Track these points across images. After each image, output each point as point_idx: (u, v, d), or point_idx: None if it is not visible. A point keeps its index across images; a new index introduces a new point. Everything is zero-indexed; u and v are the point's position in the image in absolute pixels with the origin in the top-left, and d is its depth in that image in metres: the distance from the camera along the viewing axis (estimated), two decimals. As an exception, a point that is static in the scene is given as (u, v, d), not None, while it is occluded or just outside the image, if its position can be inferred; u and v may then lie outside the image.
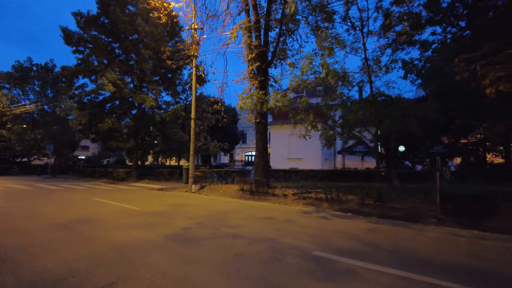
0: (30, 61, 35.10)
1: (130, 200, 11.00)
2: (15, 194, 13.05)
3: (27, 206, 9.38)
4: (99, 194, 13.36)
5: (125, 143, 20.52)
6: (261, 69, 12.96)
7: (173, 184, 19.33)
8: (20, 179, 23.86)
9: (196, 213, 8.34)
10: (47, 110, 35.87)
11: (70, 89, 20.76)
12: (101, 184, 19.48)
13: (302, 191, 11.83)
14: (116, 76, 18.18)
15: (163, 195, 13.41)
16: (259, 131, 13.34)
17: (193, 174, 14.37)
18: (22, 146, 31.98)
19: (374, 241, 5.67)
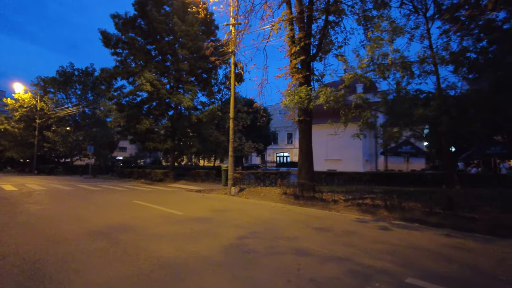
0: (72, 66, 36.60)
1: (170, 203, 10.49)
2: (58, 194, 13.08)
3: (69, 208, 9.11)
4: (138, 196, 13.07)
5: (163, 144, 20.38)
6: (306, 63, 12.00)
7: (210, 185, 18.86)
8: (63, 179, 24.63)
9: (243, 221, 7.55)
10: (88, 113, 37.22)
11: (109, 91, 21.01)
12: (140, 185, 19.45)
13: (354, 197, 10.70)
14: (154, 76, 18.02)
15: (202, 197, 12.84)
16: (303, 130, 12.38)
17: (232, 176, 13.69)
18: (65, 148, 33.31)
19: (470, 262, 4.56)
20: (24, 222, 7.02)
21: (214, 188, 16.69)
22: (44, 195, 12.47)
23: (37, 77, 34.51)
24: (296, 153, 66.62)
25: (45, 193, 13.43)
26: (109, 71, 20.05)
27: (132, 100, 21.47)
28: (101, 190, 15.19)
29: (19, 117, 33.16)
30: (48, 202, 10.53)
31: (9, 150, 34.26)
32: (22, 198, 11.29)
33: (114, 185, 18.52)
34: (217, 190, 15.45)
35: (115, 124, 19.33)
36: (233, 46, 13.97)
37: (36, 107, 33.11)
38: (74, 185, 18.25)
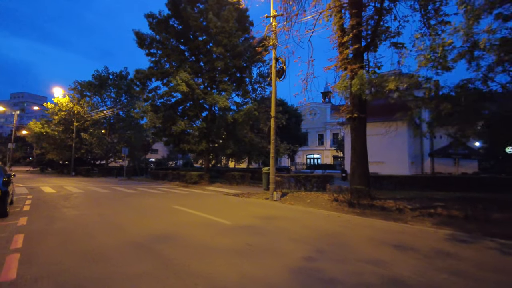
0: (107, 70, 37.36)
1: (211, 209, 9.62)
2: (94, 198, 12.67)
3: (107, 214, 8.46)
4: (176, 200, 12.36)
5: (197, 145, 19.77)
6: (359, 53, 10.73)
7: (247, 188, 17.93)
8: (99, 180, 24.78)
9: (301, 233, 6.46)
10: (122, 116, 37.80)
11: (143, 92, 20.76)
12: (175, 187, 18.93)
13: (422, 205, 9.27)
14: (189, 76, 17.42)
15: (243, 202, 11.89)
16: (357, 129, 11.09)
17: (274, 179, 12.64)
18: (101, 150, 33.92)
19: None
20: (60, 230, 6.36)
21: (252, 192, 15.74)
22: (81, 199, 12.08)
23: (75, 81, 35.55)
24: (327, 154, 64.34)
25: (82, 196, 13.08)
26: (143, 72, 19.77)
27: (167, 101, 21.11)
28: (138, 193, 14.71)
29: (58, 120, 34.20)
30: (85, 206, 10.01)
31: (50, 152, 35.47)
32: (60, 202, 10.90)
33: (149, 188, 18.11)
34: (256, 195, 14.47)
35: (151, 125, 18.98)
36: (274, 39, 12.96)
37: (73, 111, 34.00)
38: (110, 187, 18.03)
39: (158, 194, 14.53)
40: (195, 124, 21.22)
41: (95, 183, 21.87)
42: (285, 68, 12.75)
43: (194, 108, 20.45)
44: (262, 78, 21.62)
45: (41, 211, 8.81)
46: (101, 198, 12.67)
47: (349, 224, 7.74)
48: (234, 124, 19.53)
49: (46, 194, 13.49)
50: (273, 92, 13.05)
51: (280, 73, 12.98)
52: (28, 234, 5.95)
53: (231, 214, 8.76)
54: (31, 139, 36.74)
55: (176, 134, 19.63)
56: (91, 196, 13.23)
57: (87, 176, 32.05)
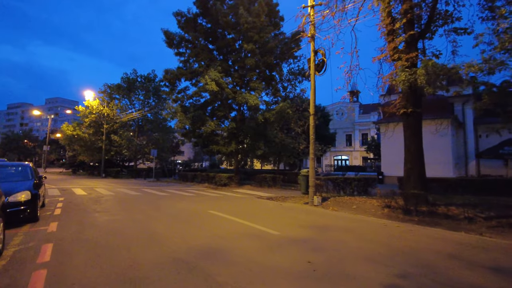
0: (135, 73, 37.73)
1: (250, 215, 8.77)
2: (125, 200, 12.20)
3: (140, 220, 7.81)
4: (209, 203, 11.64)
5: (227, 146, 19.07)
6: (414, 41, 9.53)
7: (279, 191, 17.01)
8: (129, 182, 24.72)
9: (365, 248, 5.44)
10: (150, 118, 37.98)
11: (172, 93, 20.37)
12: (204, 189, 18.32)
13: (498, 214, 7.94)
14: (219, 75, 16.74)
15: (281, 207, 10.96)
16: (412, 126, 9.87)
17: (314, 182, 11.61)
18: (130, 151, 34.20)
19: None
20: (92, 239, 5.72)
21: (286, 196, 14.79)
22: (112, 202, 11.62)
23: (104, 84, 36.14)
24: (356, 156, 62.11)
25: (113, 199, 12.65)
26: (172, 72, 19.36)
27: (196, 102, 20.61)
28: (169, 196, 14.16)
29: (89, 123, 34.84)
30: (117, 211, 9.46)
31: (81, 154, 36.24)
32: (91, 205, 10.45)
33: (179, 190, 17.60)
34: (292, 198, 13.51)
35: (181, 126, 18.51)
36: (312, 30, 11.96)
37: (103, 113, 34.51)
38: (139, 189, 17.68)
39: (190, 197, 13.90)
40: (224, 125, 20.56)
41: (124, 184, 21.73)
42: (326, 61, 11.70)
43: (223, 108, 19.80)
44: (293, 76, 20.63)
45: (72, 216, 8.31)
46: (132, 201, 12.17)
47: (414, 236, 6.60)
48: (264, 123, 18.67)
49: (77, 197, 13.21)
50: (312, 88, 12.04)
51: (320, 66, 11.95)
52: (58, 244, 5.34)
53: (274, 222, 7.86)
54: (64, 142, 37.71)
55: (205, 135, 19.05)
56: (122, 198, 12.79)
57: (117, 177, 32.33)
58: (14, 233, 6.25)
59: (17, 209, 6.82)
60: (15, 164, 8.98)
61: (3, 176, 7.93)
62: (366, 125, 60.36)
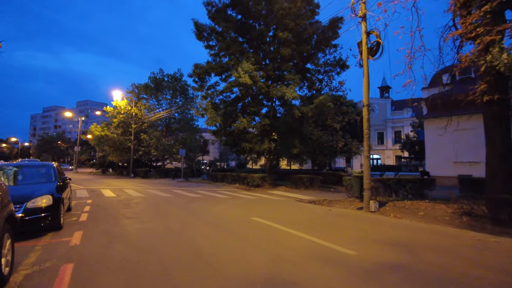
0: (162, 72, 37.34)
1: (304, 224, 7.35)
2: (156, 203, 11.14)
3: (176, 231, 6.61)
4: (249, 207, 10.35)
5: (259, 145, 17.73)
6: (501, 11, 7.74)
7: (319, 193, 15.47)
8: (158, 182, 24.01)
9: (493, 279, 3.87)
10: (177, 117, 37.45)
11: (202, 89, 19.31)
12: (237, 190, 17.10)
13: None
14: (252, 67, 15.42)
15: (333, 214, 9.45)
16: (496, 116, 8.04)
17: (370, 185, 9.99)
18: (158, 151, 33.73)
19: None
20: (122, 258, 4.53)
21: (330, 199, 13.26)
22: (142, 205, 10.59)
23: (132, 84, 35.91)
24: (388, 154, 58.92)
25: (143, 201, 11.64)
26: (202, 67, 18.29)
27: (226, 98, 19.45)
28: (202, 198, 13.01)
29: (117, 123, 34.74)
30: (148, 216, 8.34)
31: (110, 155, 36.26)
32: (120, 209, 9.44)
33: (210, 191, 16.48)
34: (339, 203, 11.96)
35: (211, 124, 17.39)
36: (364, 9, 10.35)
37: (131, 113, 34.28)
38: (170, 190, 16.73)
39: (224, 200, 12.68)
40: (255, 121, 19.22)
41: (153, 185, 20.97)
42: (382, 42, 10.04)
43: (255, 104, 18.48)
44: (331, 67, 18.97)
45: (99, 223, 7.26)
46: (164, 204, 11.09)
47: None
48: (300, 119, 17.15)
49: (106, 199, 12.34)
50: (365, 74, 10.42)
51: (374, 50, 10.30)
52: (80, 265, 4.20)
53: (338, 235, 6.41)
54: (93, 142, 37.94)
55: (236, 132, 17.81)
56: (153, 201, 11.75)
57: (145, 177, 31.93)
58: (32, 245, 5.23)
59: (36, 216, 5.82)
60: (37, 164, 8.11)
61: (23, 178, 7.01)
62: (399, 122, 57.36)
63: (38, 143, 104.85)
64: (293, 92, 15.07)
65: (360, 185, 10.48)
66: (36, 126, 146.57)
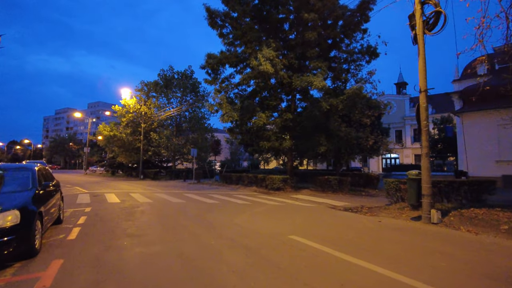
0: (172, 69, 35.72)
1: (355, 244, 5.41)
2: (166, 214, 9.33)
3: (192, 259, 4.74)
4: (278, 218, 8.44)
5: (281, 142, 15.80)
6: None
7: (352, 198, 13.50)
8: (168, 184, 22.34)
9: None
10: (187, 115, 35.77)
11: (215, 82, 17.46)
12: (255, 194, 15.21)
13: None
14: (274, 53, 13.50)
15: (385, 227, 7.47)
16: None
17: (430, 190, 7.96)
18: (168, 151, 32.11)
19: None
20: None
21: (368, 205, 11.32)
22: (149, 215, 8.78)
23: (141, 81, 34.46)
24: (407, 154, 56.10)
25: (151, 210, 9.85)
26: (216, 57, 16.44)
27: (242, 92, 17.59)
28: (219, 205, 11.16)
29: (126, 122, 33.29)
30: (156, 234, 6.49)
31: (119, 156, 34.84)
32: (121, 222, 7.64)
33: (226, 195, 14.64)
34: (383, 210, 9.97)
35: (227, 120, 15.48)
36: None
37: (140, 112, 32.76)
38: (181, 194, 14.95)
39: (245, 207, 10.79)
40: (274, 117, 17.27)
41: (163, 188, 19.28)
42: (444, 12, 7.99)
43: (275, 98, 16.55)
44: (361, 54, 16.87)
45: (90, 244, 5.46)
46: (175, 213, 9.26)
47: None
48: (327, 114, 15.15)
49: (108, 206, 10.61)
50: (420, 53, 8.38)
51: (432, 23, 8.27)
52: None
53: (413, 264, 4.45)
54: (102, 143, 36.62)
55: (255, 129, 15.90)
56: (162, 210, 9.94)
57: (155, 179, 30.36)
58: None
59: (-5, 241, 4.06)
60: (13, 166, 6.34)
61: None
62: (415, 119, 54.66)
63: (50, 145, 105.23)
64: (322, 81, 13.07)
65: (417, 190, 8.42)
66: (49, 128, 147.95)
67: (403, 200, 11.07)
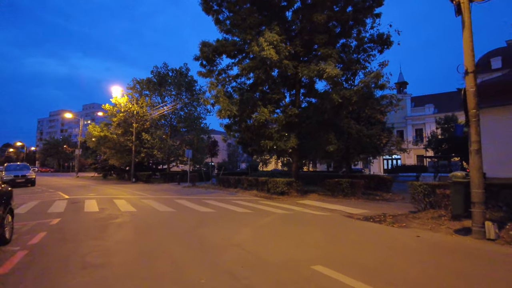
0: (166, 66, 33.87)
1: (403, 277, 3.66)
2: (148, 229, 7.53)
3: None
4: (287, 232, 6.68)
5: (285, 141, 14.04)
6: None
7: (367, 204, 11.79)
8: (160, 188, 20.52)
9: None
10: (182, 115, 33.89)
11: (211, 74, 15.70)
12: (258, 200, 13.43)
13: None
14: (278, 37, 11.78)
15: (429, 246, 5.74)
16: None
17: (482, 195, 6.25)
18: (162, 153, 30.17)
19: None
20: None
21: (390, 212, 9.60)
22: (126, 231, 6.97)
23: (133, 79, 32.47)
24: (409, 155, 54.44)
25: (131, 223, 8.02)
26: (211, 46, 14.69)
27: (241, 85, 15.85)
28: (215, 215, 9.37)
29: (118, 122, 31.37)
30: (124, 266, 4.68)
31: (111, 158, 32.89)
32: (86, 242, 5.83)
33: (224, 201, 12.86)
34: (412, 219, 8.25)
35: (225, 115, 13.67)
36: None
37: (132, 111, 30.82)
38: (173, 200, 13.15)
39: (247, 217, 9.01)
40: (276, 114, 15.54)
41: (154, 192, 17.46)
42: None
43: (278, 92, 14.82)
44: (373, 43, 15.22)
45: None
46: (159, 229, 7.42)
47: None
48: (337, 109, 13.42)
49: (82, 217, 8.81)
50: (466, 26, 6.68)
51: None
52: None
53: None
54: (92, 144, 34.64)
55: (256, 125, 14.14)
56: (143, 224, 8.11)
57: (148, 182, 28.48)
58: None
59: None
60: None
61: None
62: (420, 119, 53.56)
63: (44, 147, 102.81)
64: (334, 69, 11.32)
65: (465, 197, 6.69)
66: (43, 131, 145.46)
67: (432, 206, 9.39)
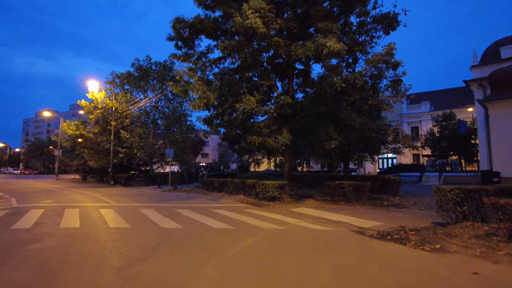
0: (149, 60, 31.24)
1: None
2: (70, 263, 5.09)
3: None
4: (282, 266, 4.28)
5: (275, 137, 11.68)
6: None
7: (374, 212, 9.53)
8: (135, 193, 17.99)
9: None
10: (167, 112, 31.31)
11: (189, 58, 13.26)
12: (243, 207, 11.03)
13: None
14: (265, 5, 9.42)
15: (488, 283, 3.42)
16: None
17: None
18: (143, 152, 27.51)
19: None
20: None
21: (408, 224, 7.36)
22: (26, 269, 4.49)
23: (112, 72, 29.71)
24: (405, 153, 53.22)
25: (50, 252, 5.48)
26: (186, 23, 12.28)
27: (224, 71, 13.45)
28: (180, 233, 6.89)
29: (95, 120, 28.66)
30: None
31: (89, 159, 30.15)
32: None
33: (201, 209, 10.42)
34: (445, 236, 5.98)
35: (201, 106, 11.20)
36: None
37: (110, 107, 28.08)
38: (137, 210, 10.67)
39: (223, 237, 6.58)
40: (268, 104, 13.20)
41: (125, 198, 14.94)
42: None
43: (267, 77, 12.46)
44: (376, 23, 13.01)
45: None
46: (83, 265, 4.92)
47: None
48: (337, 97, 11.11)
49: (51, 241, 6.30)
50: None
51: None
52: None
53: None
54: (67, 144, 31.82)
55: (242, 118, 11.76)
56: (66, 252, 5.63)
57: (127, 185, 25.84)
58: None
59: None
60: None
61: None
62: (416, 116, 52.36)
63: (28, 148, 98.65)
64: (336, 43, 8.98)
65: None
66: (29, 131, 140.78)
67: (466, 218, 7.18)
